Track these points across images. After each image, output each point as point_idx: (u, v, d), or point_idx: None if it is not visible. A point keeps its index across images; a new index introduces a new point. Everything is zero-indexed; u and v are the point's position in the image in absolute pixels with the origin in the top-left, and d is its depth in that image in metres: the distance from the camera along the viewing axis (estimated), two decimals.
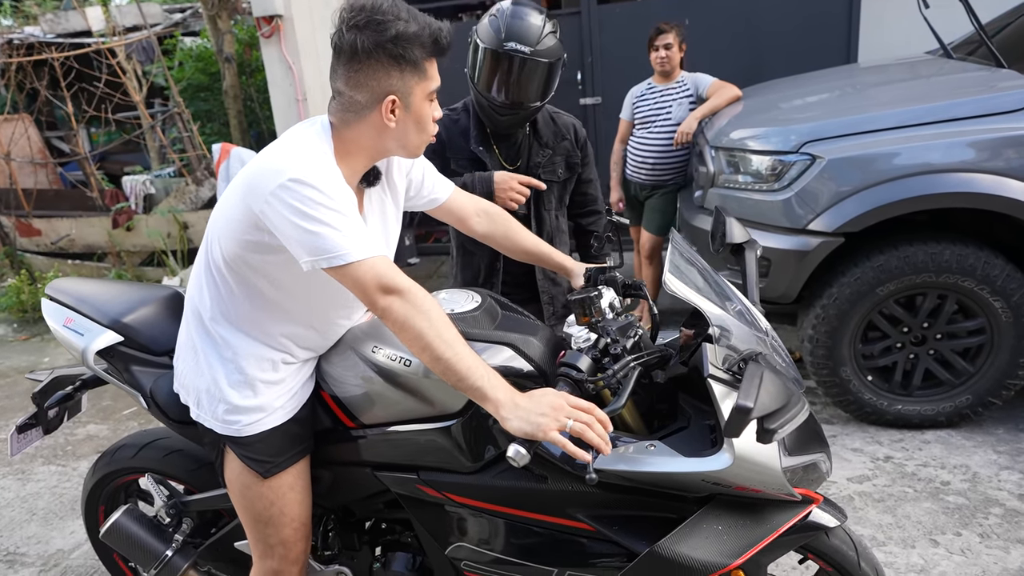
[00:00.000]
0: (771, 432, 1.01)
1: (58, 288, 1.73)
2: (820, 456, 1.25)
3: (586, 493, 1.25)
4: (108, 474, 1.88)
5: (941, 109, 2.56)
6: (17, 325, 5.19)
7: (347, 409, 1.42)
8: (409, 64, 1.18)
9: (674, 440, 1.19)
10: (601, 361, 1.21)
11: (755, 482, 1.14)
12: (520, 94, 1.81)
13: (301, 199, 1.12)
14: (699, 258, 1.45)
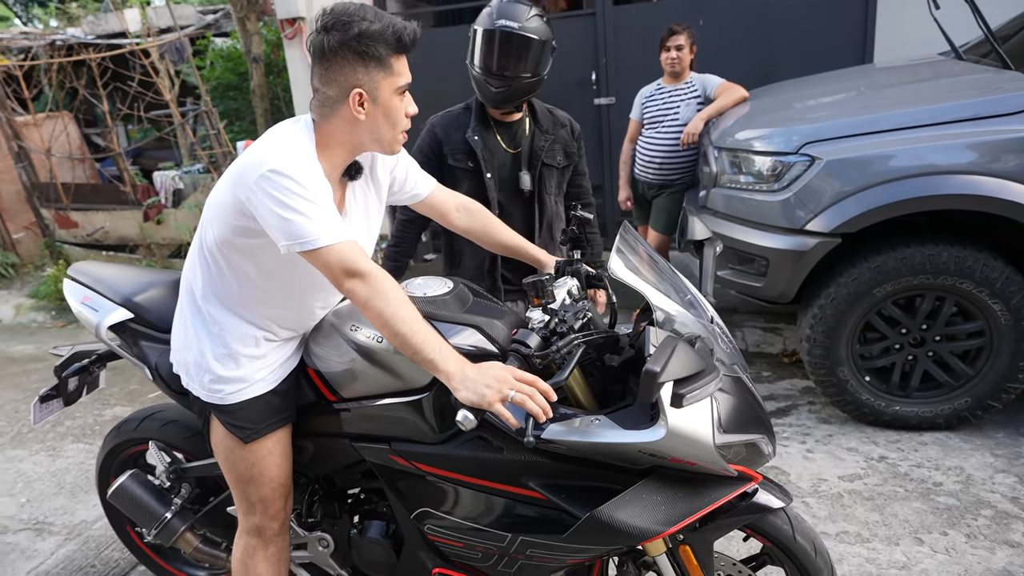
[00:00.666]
0: (680, 397, 1.13)
1: (78, 269, 1.90)
2: (760, 438, 1.32)
3: (538, 463, 1.35)
4: (116, 446, 2.04)
5: (943, 111, 2.57)
6: (55, 313, 5.44)
7: (329, 384, 1.54)
8: (373, 60, 1.28)
9: (618, 415, 1.28)
10: (550, 340, 1.30)
11: (688, 455, 1.22)
12: (511, 66, 1.98)
13: (279, 188, 1.23)
14: (651, 250, 1.53)
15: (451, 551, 1.51)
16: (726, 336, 1.46)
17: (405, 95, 1.36)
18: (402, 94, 1.34)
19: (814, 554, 1.44)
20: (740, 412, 1.31)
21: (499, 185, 2.16)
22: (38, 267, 6.35)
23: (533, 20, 1.98)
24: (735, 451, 1.28)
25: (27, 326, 5.38)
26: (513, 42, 1.96)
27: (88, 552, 2.47)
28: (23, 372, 4.37)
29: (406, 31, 1.29)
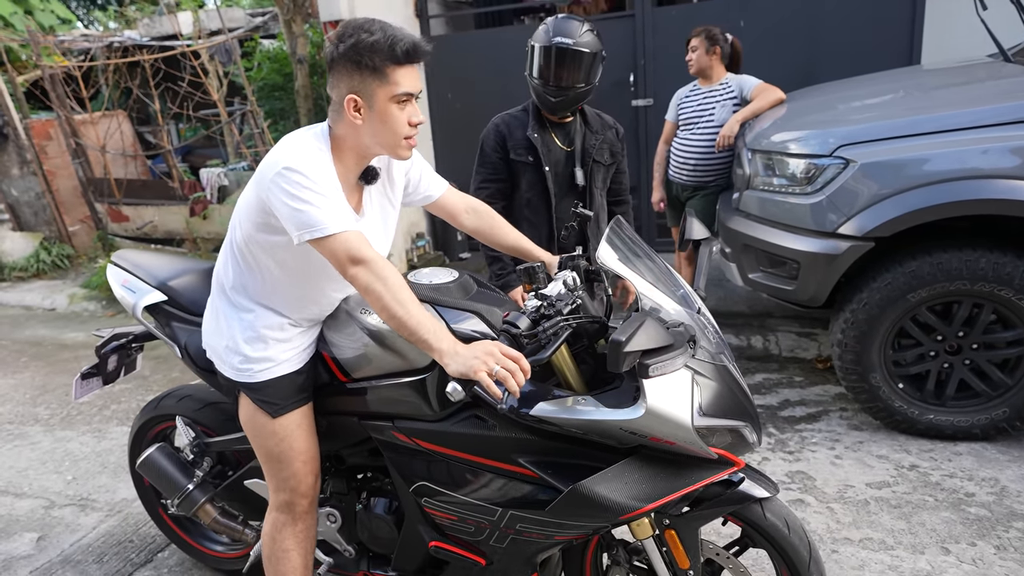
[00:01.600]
0: (646, 367, 1.20)
1: (120, 256, 2.05)
2: (743, 425, 1.37)
3: (528, 441, 1.42)
4: (144, 423, 2.18)
5: (986, 114, 2.51)
6: (105, 302, 5.68)
7: (342, 366, 1.63)
8: (368, 69, 1.36)
9: (604, 396, 1.34)
10: (540, 323, 1.37)
11: (667, 434, 1.28)
12: (567, 77, 2.19)
13: (291, 183, 1.34)
14: (644, 245, 1.59)
15: (446, 524, 1.58)
16: (712, 327, 1.52)
17: (408, 104, 1.41)
18: (402, 103, 1.40)
19: (787, 531, 1.47)
20: (723, 398, 1.36)
21: (555, 178, 2.35)
22: (91, 259, 6.64)
23: (586, 35, 2.19)
24: (718, 437, 1.34)
25: (79, 314, 5.63)
26: (568, 57, 2.16)
27: (127, 528, 2.59)
28: (74, 358, 4.58)
29: (401, 43, 1.35)
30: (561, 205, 2.36)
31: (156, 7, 8.82)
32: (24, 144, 6.47)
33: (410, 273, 1.62)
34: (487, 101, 5.49)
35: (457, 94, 5.53)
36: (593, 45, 2.19)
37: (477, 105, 5.47)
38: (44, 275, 6.48)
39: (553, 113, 2.31)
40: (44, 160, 6.53)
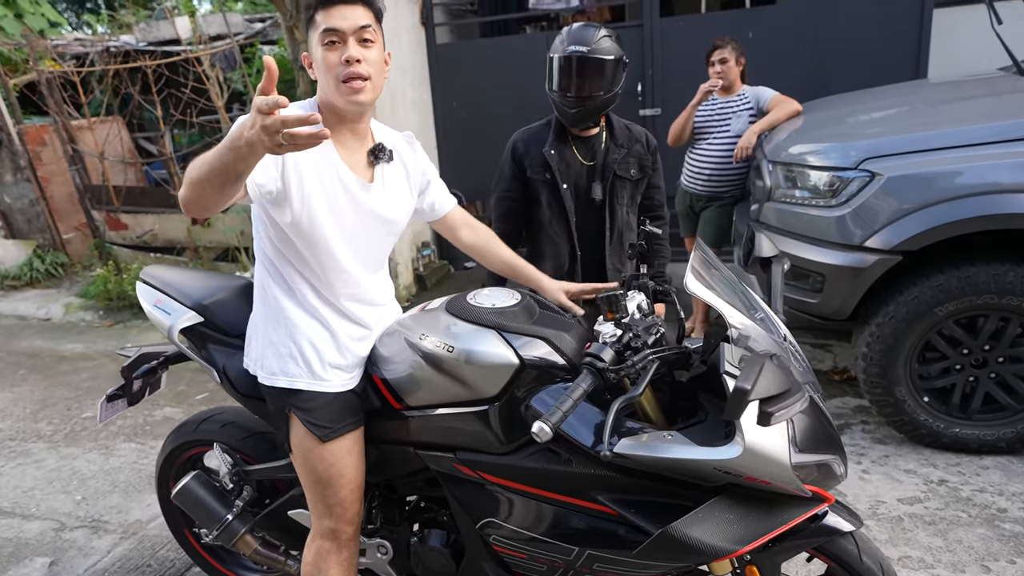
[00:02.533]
0: (768, 415, 1.09)
1: (150, 273, 1.96)
2: (833, 458, 1.30)
3: (608, 477, 1.34)
4: (175, 448, 2.08)
5: (1008, 128, 2.51)
6: (103, 312, 5.58)
7: (395, 391, 1.56)
8: (308, 24, 1.40)
9: (691, 432, 1.26)
10: (623, 354, 1.30)
11: (764, 473, 1.20)
12: (584, 87, 2.09)
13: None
14: (723, 266, 1.52)
15: (515, 562, 1.51)
16: (799, 354, 1.44)
17: (341, 45, 1.36)
18: (330, 43, 1.36)
19: (880, 573, 1.41)
20: (814, 431, 1.29)
21: (575, 195, 2.25)
22: (86, 267, 6.52)
23: (602, 41, 2.08)
24: (807, 471, 1.26)
25: (76, 324, 5.52)
26: (584, 65, 2.07)
27: (144, 551, 2.51)
28: (73, 370, 4.48)
29: None
30: (583, 222, 2.27)
31: (151, 12, 8.71)
32: (18, 150, 6.35)
33: (469, 295, 1.56)
34: (492, 109, 5.47)
35: (462, 102, 5.50)
36: (611, 51, 2.09)
37: (482, 113, 5.45)
38: (38, 284, 6.35)
39: (574, 125, 2.21)
40: (38, 166, 6.41)
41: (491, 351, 1.42)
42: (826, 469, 1.30)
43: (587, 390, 1.22)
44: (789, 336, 1.45)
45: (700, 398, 1.42)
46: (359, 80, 1.36)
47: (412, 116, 5.30)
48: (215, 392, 3.89)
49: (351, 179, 1.46)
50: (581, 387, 1.21)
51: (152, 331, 5.14)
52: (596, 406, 1.38)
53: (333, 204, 1.44)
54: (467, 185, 5.68)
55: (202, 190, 1.17)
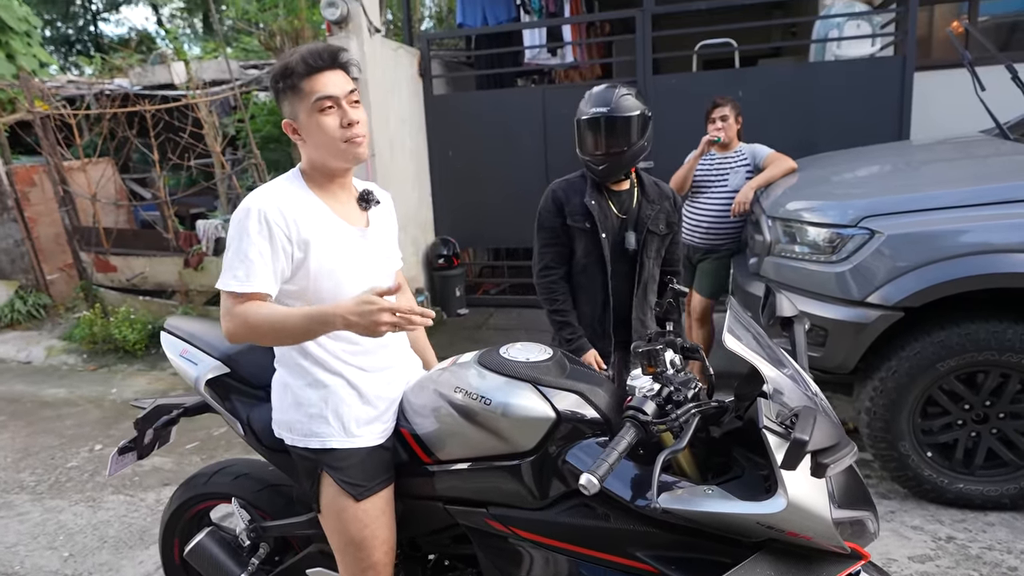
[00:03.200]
0: (824, 467, 1.11)
1: (174, 324, 1.95)
2: (868, 515, 1.31)
3: (647, 533, 1.33)
4: (184, 502, 2.02)
5: (1003, 190, 2.61)
6: (87, 356, 5.45)
7: (425, 445, 1.54)
8: (288, 92, 1.43)
9: (730, 486, 1.28)
10: (664, 408, 1.31)
11: (807, 529, 1.21)
12: (608, 144, 2.21)
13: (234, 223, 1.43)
14: (754, 323, 1.55)
15: None
16: (830, 411, 1.46)
17: (337, 108, 1.43)
18: (326, 109, 1.42)
19: None
20: (850, 487, 1.31)
21: (610, 245, 2.33)
22: (69, 308, 6.39)
23: (624, 100, 2.21)
24: (842, 527, 1.27)
25: (58, 368, 5.38)
26: (606, 125, 2.19)
27: None
28: (56, 416, 4.34)
29: (304, 54, 1.41)
30: (616, 272, 2.34)
31: (145, 56, 8.78)
32: (5, 190, 6.28)
33: (502, 349, 1.56)
34: (486, 159, 5.57)
35: (458, 152, 5.58)
36: (633, 107, 2.21)
37: (477, 163, 5.54)
38: (18, 325, 6.20)
39: (604, 180, 2.31)
40: (26, 207, 6.34)
41: (528, 404, 1.42)
42: (860, 526, 1.31)
43: (631, 443, 1.23)
44: (820, 393, 1.47)
45: (735, 453, 1.43)
46: (359, 137, 1.46)
47: (410, 165, 5.36)
48: (205, 442, 3.79)
49: (351, 230, 1.51)
50: (625, 440, 1.22)
51: (136, 377, 5.03)
52: (631, 460, 1.38)
53: (342, 255, 1.49)
54: (461, 233, 5.74)
55: (263, 340, 1.43)
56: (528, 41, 6.17)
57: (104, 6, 20.33)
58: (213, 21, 8.41)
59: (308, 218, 1.44)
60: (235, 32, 11.48)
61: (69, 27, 19.38)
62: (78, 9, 19.45)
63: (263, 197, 1.42)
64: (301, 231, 1.42)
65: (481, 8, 6.36)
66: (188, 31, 19.91)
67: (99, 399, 4.62)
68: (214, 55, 8.97)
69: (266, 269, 1.39)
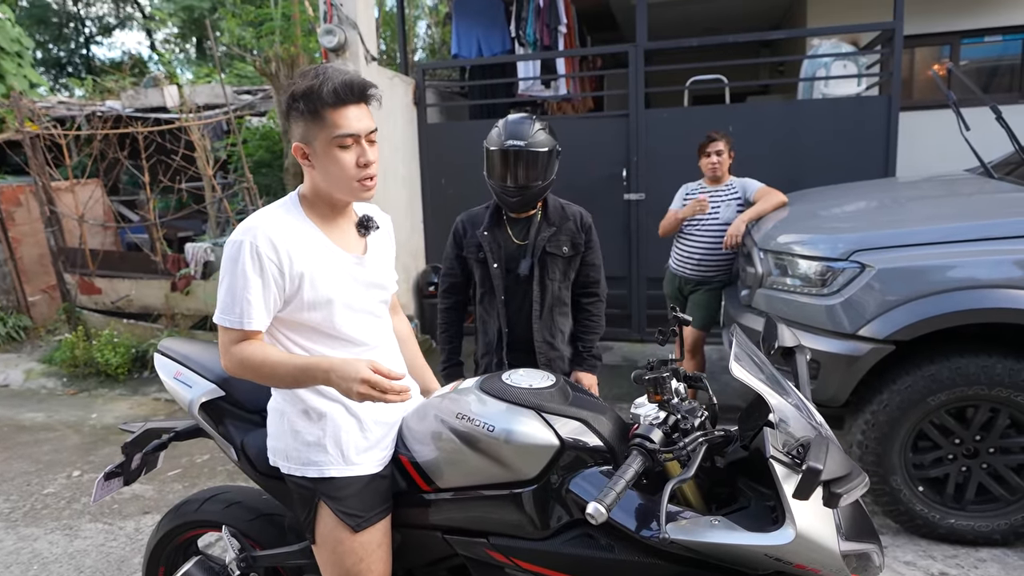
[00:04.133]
0: (837, 496, 1.10)
1: (168, 346, 1.91)
2: (874, 548, 1.31)
3: (652, 565, 1.31)
4: (172, 529, 1.96)
5: (988, 227, 2.66)
6: (67, 379, 5.34)
7: (424, 473, 1.52)
8: (308, 115, 1.39)
9: (736, 517, 1.26)
10: (671, 436, 1.30)
11: (814, 561, 1.20)
12: (523, 177, 2.20)
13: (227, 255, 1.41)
14: (758, 352, 1.54)
15: None
16: (833, 440, 1.46)
17: (356, 144, 1.41)
18: (344, 144, 1.40)
19: None
20: (856, 519, 1.31)
21: (504, 273, 2.35)
22: (50, 331, 6.29)
23: (538, 134, 2.19)
24: (848, 560, 1.27)
25: (36, 392, 5.26)
26: (522, 158, 2.17)
27: None
28: (34, 442, 4.23)
29: (331, 83, 1.37)
30: (513, 299, 2.35)
31: (137, 79, 8.80)
32: None
33: (504, 375, 1.55)
34: (479, 189, 5.58)
35: (451, 180, 5.61)
36: (547, 143, 2.20)
37: (470, 192, 5.54)
38: None
39: (514, 211, 2.32)
40: (11, 227, 6.26)
41: (532, 432, 1.41)
42: (866, 559, 1.30)
43: (638, 471, 1.21)
44: (824, 423, 1.46)
45: (740, 484, 1.42)
46: (371, 180, 1.46)
47: (402, 192, 5.37)
48: (188, 469, 3.71)
49: (348, 259, 1.50)
50: (632, 468, 1.21)
51: (118, 402, 4.93)
52: (634, 489, 1.37)
53: (337, 285, 1.47)
54: None
55: (259, 380, 1.43)
56: (522, 73, 6.25)
57: (97, 30, 20.43)
58: (208, 47, 8.47)
59: (303, 249, 1.42)
60: (229, 58, 11.56)
61: (61, 49, 19.42)
62: (70, 32, 19.52)
63: (256, 229, 1.39)
64: (295, 264, 1.40)
65: (476, 39, 6.45)
66: (181, 56, 20.03)
67: (78, 424, 4.51)
68: (207, 80, 9.03)
69: (259, 305, 1.38)
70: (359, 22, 4.76)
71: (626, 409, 1.53)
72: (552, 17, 6.11)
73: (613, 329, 5.30)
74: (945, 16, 6.03)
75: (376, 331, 1.58)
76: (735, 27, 7.12)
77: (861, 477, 1.16)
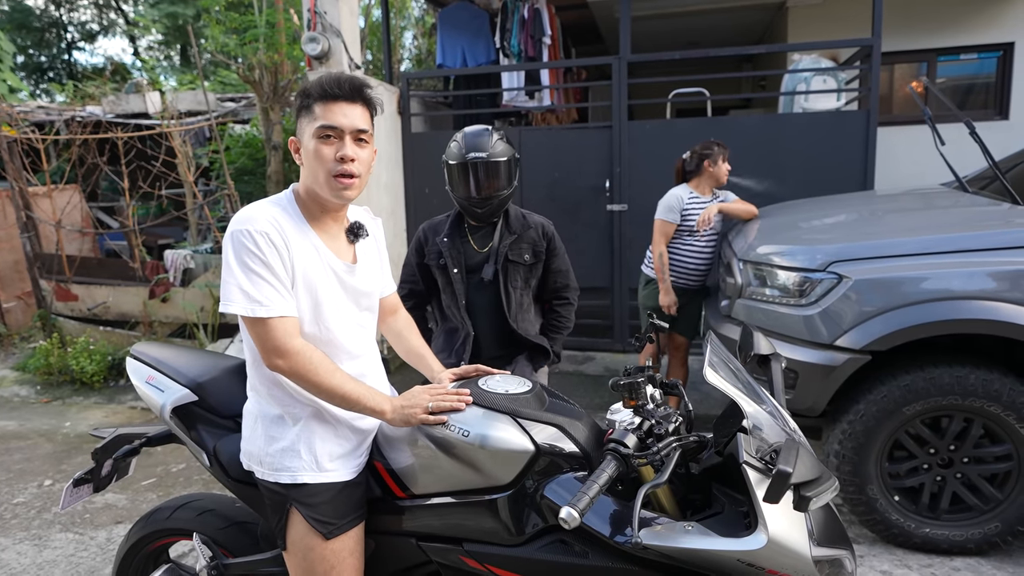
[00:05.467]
0: (807, 500, 1.11)
1: (140, 350, 1.89)
2: (846, 554, 1.32)
3: (625, 571, 1.31)
4: (143, 537, 1.93)
5: (963, 239, 2.70)
6: (40, 387, 5.24)
7: (399, 479, 1.51)
8: (303, 110, 1.43)
9: (709, 523, 1.27)
10: (645, 441, 1.31)
11: (786, 567, 1.21)
12: (487, 187, 2.24)
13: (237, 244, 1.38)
14: (733, 359, 1.56)
15: None
16: (807, 446, 1.47)
17: (339, 140, 1.42)
18: (326, 137, 1.41)
19: None
20: (828, 526, 1.32)
21: (466, 278, 2.37)
22: (25, 338, 6.18)
23: (498, 145, 2.24)
24: (820, 567, 1.27)
25: (9, 400, 5.16)
26: (485, 170, 2.22)
27: None
28: (5, 450, 4.15)
29: (326, 79, 1.41)
30: (478, 303, 2.37)
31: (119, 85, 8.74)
32: None
33: (480, 380, 1.55)
34: None
35: (434, 189, 5.61)
36: (506, 152, 2.25)
37: (452, 199, 5.58)
38: None
39: (481, 221, 2.35)
40: None
41: (507, 437, 1.41)
42: (837, 565, 1.31)
43: (612, 476, 1.22)
44: (797, 430, 1.47)
45: (714, 490, 1.42)
46: (348, 178, 1.42)
47: (384, 198, 5.36)
48: (163, 478, 3.65)
49: (339, 265, 1.49)
50: (606, 473, 1.21)
51: (93, 410, 4.84)
52: (609, 495, 1.37)
53: (326, 291, 1.46)
54: None
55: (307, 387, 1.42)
56: (506, 83, 6.28)
57: (80, 36, 20.27)
58: (192, 54, 8.43)
59: (300, 252, 1.42)
60: (213, 65, 11.52)
61: (42, 55, 19.25)
62: (52, 37, 19.36)
63: (258, 216, 1.38)
64: (295, 264, 1.41)
65: (461, 50, 6.48)
66: (164, 63, 19.92)
67: (51, 432, 4.43)
68: (191, 87, 8.99)
69: (282, 288, 1.38)
70: (343, 30, 4.77)
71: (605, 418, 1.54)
72: (537, 29, 6.16)
73: (595, 339, 5.32)
74: (922, 34, 6.16)
75: (361, 340, 1.57)
76: (718, 41, 7.23)
77: (831, 481, 1.17)
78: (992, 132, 4.11)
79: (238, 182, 6.24)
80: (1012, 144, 3.95)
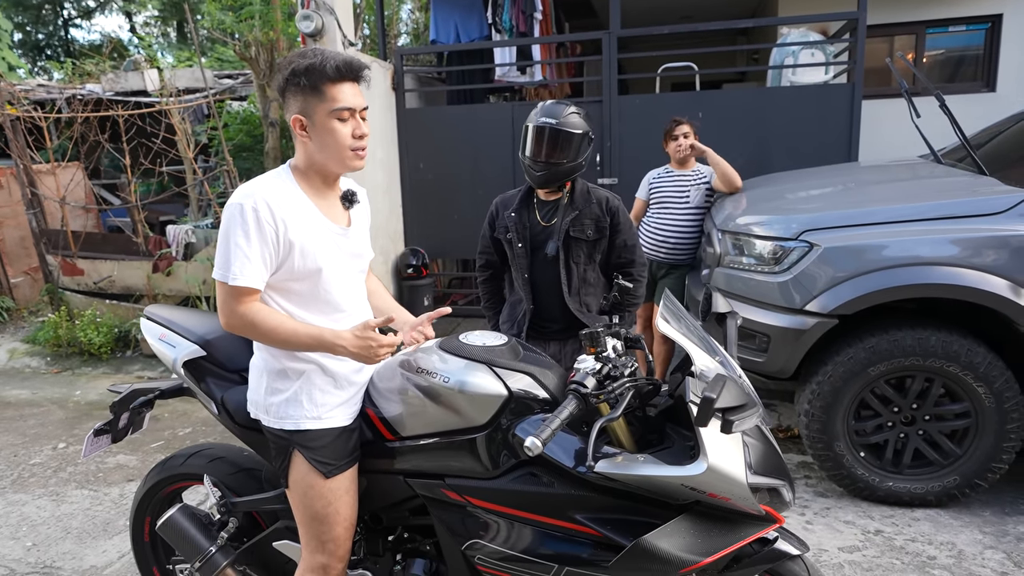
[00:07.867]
0: (730, 423, 1.28)
1: (153, 311, 2.07)
2: (782, 484, 1.47)
3: (586, 498, 1.48)
4: (159, 482, 2.11)
5: (928, 208, 2.83)
6: (51, 359, 5.43)
7: (388, 424, 1.67)
8: (307, 89, 1.51)
9: (660, 455, 1.44)
10: (603, 383, 1.47)
11: (725, 491, 1.37)
12: (549, 154, 2.33)
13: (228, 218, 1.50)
14: (687, 314, 1.71)
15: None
16: (747, 384, 1.63)
17: (351, 118, 1.55)
18: (342, 117, 1.53)
19: None
20: (766, 457, 1.47)
21: (530, 253, 2.47)
22: (33, 312, 6.35)
23: (571, 116, 2.35)
24: (760, 494, 1.44)
25: (21, 371, 5.35)
26: (550, 135, 2.32)
27: None
28: (19, 416, 4.34)
29: (332, 61, 1.51)
30: (540, 278, 2.46)
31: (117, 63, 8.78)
32: None
33: (461, 335, 1.70)
34: (455, 172, 5.71)
35: (429, 164, 5.72)
36: (577, 125, 2.33)
37: (446, 175, 5.68)
38: None
39: (539, 187, 2.45)
40: None
41: (483, 383, 1.57)
42: (776, 494, 1.48)
43: (573, 412, 1.37)
44: (744, 377, 1.63)
45: (667, 428, 1.59)
46: (363, 151, 1.59)
47: (379, 174, 5.48)
48: (171, 441, 3.84)
49: (334, 229, 1.63)
50: (567, 409, 1.37)
51: (101, 380, 5.03)
52: (575, 434, 1.53)
53: (326, 255, 1.60)
54: (430, 243, 5.86)
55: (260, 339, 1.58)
56: (499, 59, 6.35)
57: (77, 12, 20.16)
58: (189, 31, 8.47)
59: (296, 219, 1.54)
60: (210, 42, 11.52)
61: (40, 32, 19.17)
62: (49, 14, 19.26)
63: (255, 193, 1.50)
64: (289, 232, 1.52)
65: (454, 25, 6.54)
66: (161, 39, 19.83)
67: (63, 400, 4.62)
68: (188, 64, 9.03)
69: (257, 264, 1.50)
70: (336, 7, 4.85)
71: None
72: (528, 4, 6.21)
73: None
74: (911, 6, 6.20)
75: (356, 297, 1.72)
76: (712, 15, 7.25)
77: (754, 408, 1.33)
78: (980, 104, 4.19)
79: (236, 158, 6.34)
80: (999, 116, 4.04)
